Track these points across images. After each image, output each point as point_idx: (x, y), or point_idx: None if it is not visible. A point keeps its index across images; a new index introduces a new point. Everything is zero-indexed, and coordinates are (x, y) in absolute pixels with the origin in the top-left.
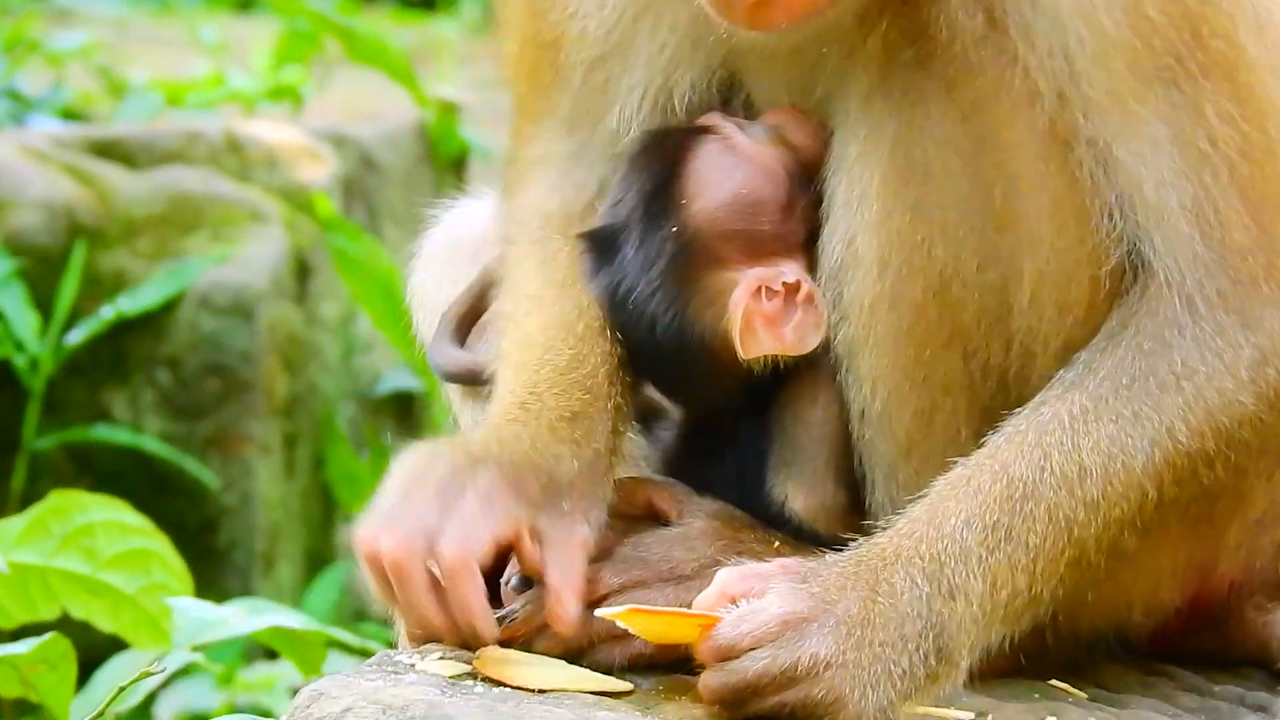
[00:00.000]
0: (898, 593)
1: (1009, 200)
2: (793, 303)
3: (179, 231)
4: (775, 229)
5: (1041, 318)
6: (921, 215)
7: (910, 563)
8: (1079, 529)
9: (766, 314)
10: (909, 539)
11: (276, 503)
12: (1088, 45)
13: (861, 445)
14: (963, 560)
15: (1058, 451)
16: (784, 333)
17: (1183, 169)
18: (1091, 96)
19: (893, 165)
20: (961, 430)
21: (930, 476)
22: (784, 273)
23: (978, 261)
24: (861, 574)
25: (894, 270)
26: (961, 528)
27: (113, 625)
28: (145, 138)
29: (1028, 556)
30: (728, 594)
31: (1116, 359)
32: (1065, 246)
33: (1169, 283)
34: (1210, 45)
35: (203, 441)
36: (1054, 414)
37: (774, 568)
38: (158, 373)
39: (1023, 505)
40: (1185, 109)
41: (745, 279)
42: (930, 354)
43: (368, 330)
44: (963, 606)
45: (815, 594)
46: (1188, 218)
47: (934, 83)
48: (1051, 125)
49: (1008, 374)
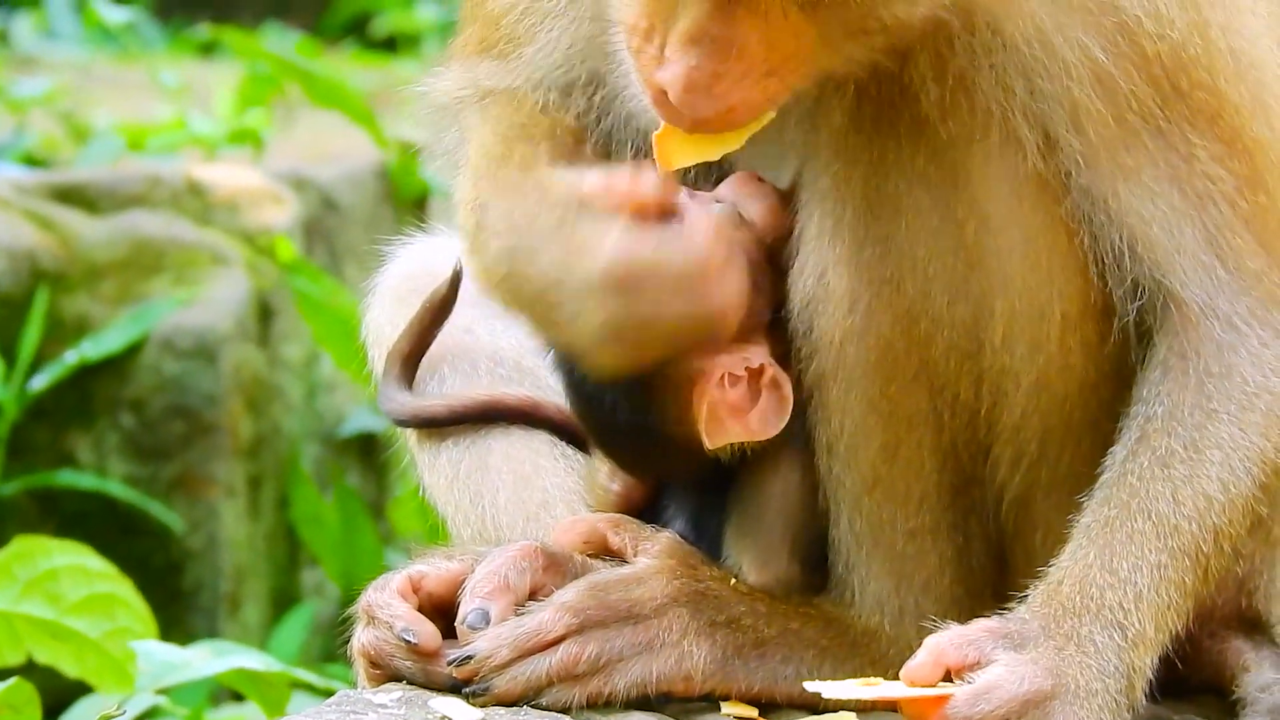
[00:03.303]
0: (1099, 648)
1: (980, 237)
2: (757, 388)
3: (141, 275)
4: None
5: (1013, 355)
6: (892, 250)
7: (1099, 614)
8: (1209, 560)
9: (731, 403)
10: (1090, 586)
11: (242, 544)
12: (1067, 107)
13: (828, 480)
14: (1137, 605)
15: (1186, 485)
16: (749, 420)
17: (1185, 208)
18: (1080, 150)
19: (864, 199)
20: (926, 464)
21: (893, 510)
22: (748, 358)
23: (948, 297)
24: (1064, 631)
25: (864, 304)
26: (1132, 571)
27: (77, 670)
28: (107, 182)
29: (1180, 595)
30: (942, 663)
31: (1193, 389)
32: (1038, 285)
33: (1205, 310)
34: (1193, 96)
35: (167, 484)
36: (1167, 447)
37: (980, 632)
38: (122, 416)
39: (1170, 542)
40: (1176, 155)
41: (709, 370)
42: (897, 388)
43: (330, 371)
44: (1142, 652)
45: (1042, 664)
46: (1204, 248)
47: (905, 121)
48: (1032, 173)
49: (978, 411)
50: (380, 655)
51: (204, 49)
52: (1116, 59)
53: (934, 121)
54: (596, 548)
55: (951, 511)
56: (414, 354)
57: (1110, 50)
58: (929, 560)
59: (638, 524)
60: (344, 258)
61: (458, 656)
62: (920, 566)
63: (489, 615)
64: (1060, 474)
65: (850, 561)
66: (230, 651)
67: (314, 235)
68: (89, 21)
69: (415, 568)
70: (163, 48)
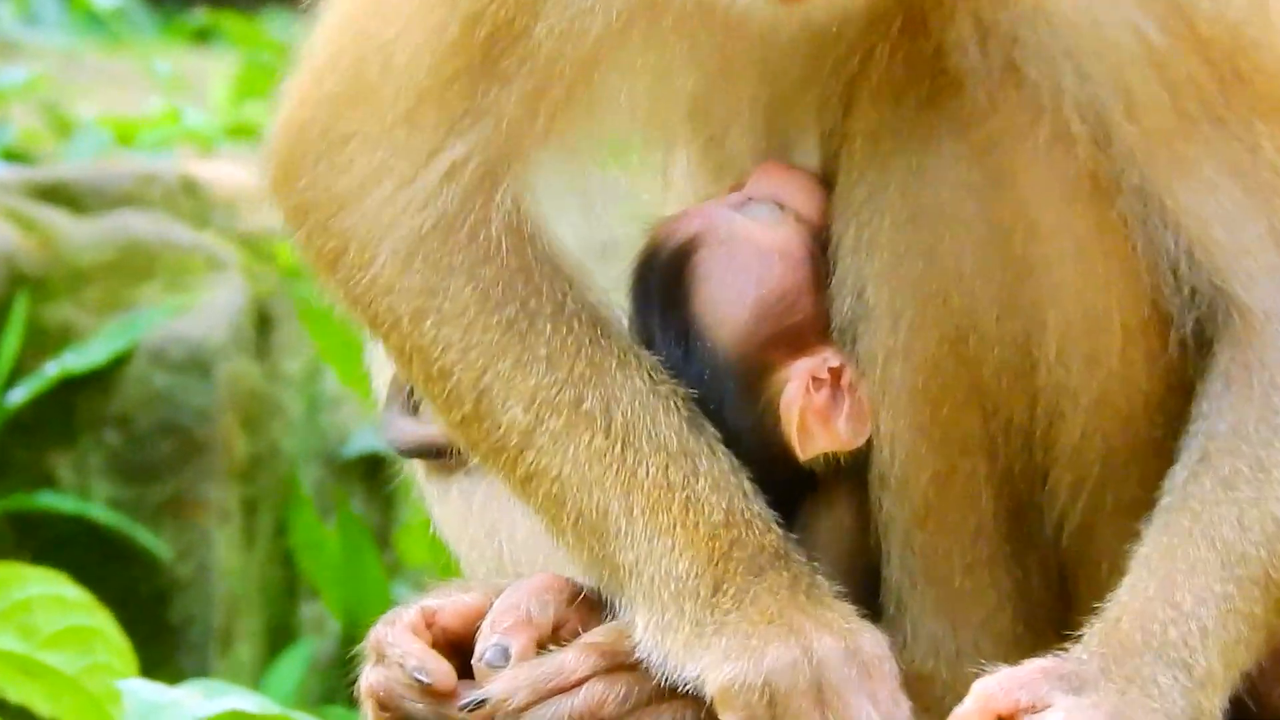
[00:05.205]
0: (1164, 690)
1: (1030, 246)
2: (839, 389)
3: (130, 281)
4: (808, 315)
5: (1070, 371)
6: (935, 262)
7: (1162, 652)
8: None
9: (819, 409)
10: (1152, 621)
11: (235, 574)
12: (1121, 95)
13: (878, 514)
14: (1204, 641)
15: (1252, 508)
16: (837, 426)
17: (1249, 204)
18: (1133, 144)
19: (903, 208)
20: (981, 492)
21: (948, 543)
22: (828, 358)
23: (997, 312)
24: (1125, 672)
25: (907, 322)
26: (1197, 604)
27: (51, 709)
28: (94, 180)
29: (1250, 628)
30: (992, 710)
31: (1259, 403)
32: (1093, 294)
33: (1270, 316)
34: (1254, 82)
35: (155, 508)
36: (1231, 467)
37: (1034, 674)
38: (106, 433)
39: (1237, 571)
40: (1240, 146)
41: (795, 375)
42: (948, 412)
43: (334, 387)
44: (1210, 693)
45: (1103, 709)
46: (1270, 248)
47: (945, 121)
48: (1084, 170)
49: (1034, 434)
50: (390, 696)
51: (200, 36)
52: (1171, 40)
53: (977, 118)
54: None
55: (1009, 543)
56: None
57: (1164, 30)
58: (987, 596)
59: None
60: None
61: (470, 701)
62: (978, 603)
63: (509, 652)
64: (1125, 499)
65: (903, 601)
66: (222, 692)
67: None
68: (75, 5)
69: (428, 601)
70: (155, 34)
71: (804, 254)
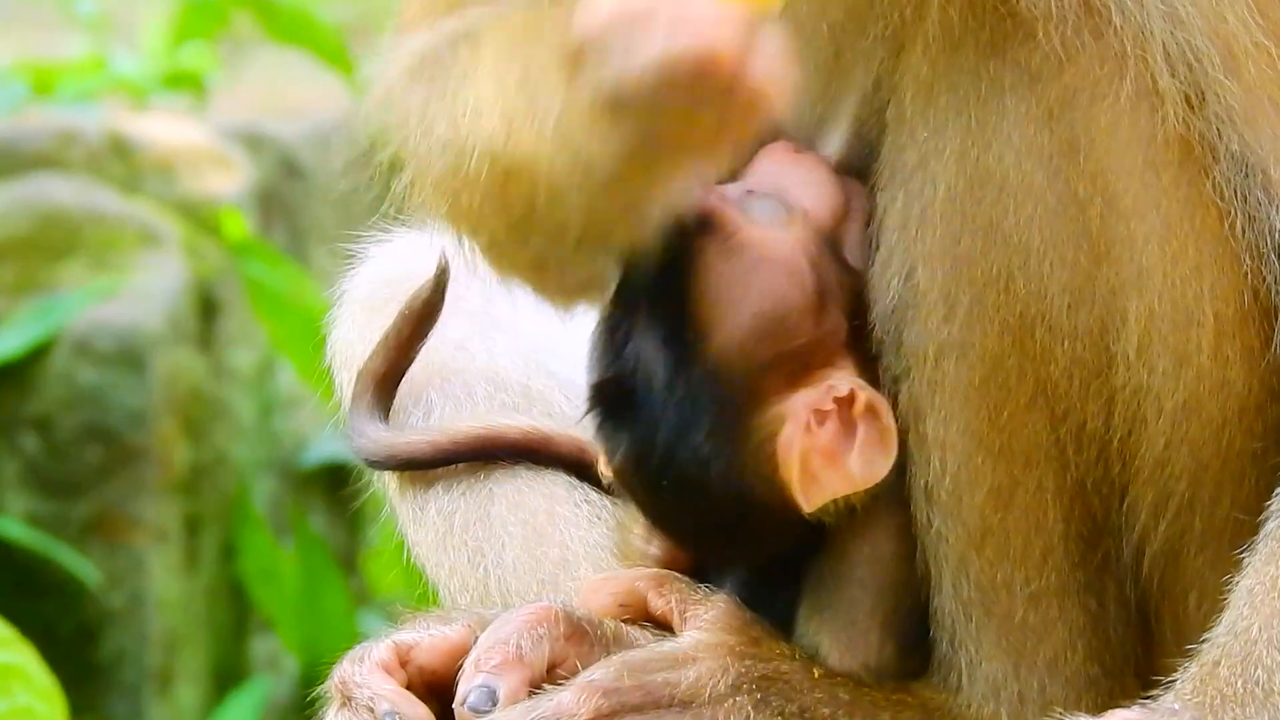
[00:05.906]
0: None
1: (1108, 222)
2: (850, 421)
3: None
4: (812, 337)
5: (1153, 371)
6: (997, 240)
7: (1267, 703)
8: None
9: (824, 448)
10: (1255, 667)
11: (175, 604)
12: (1219, 44)
13: (926, 535)
14: None
15: None
16: (848, 465)
17: None
18: (1232, 103)
19: (960, 177)
20: (1049, 513)
21: (1009, 570)
22: (834, 385)
23: (1069, 299)
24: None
25: (964, 310)
26: None
27: None
28: (6, 138)
29: None
30: None
31: None
32: (1182, 280)
33: None
34: None
35: (80, 526)
36: None
37: None
38: (22, 438)
39: None
40: None
41: (792, 415)
42: (1010, 416)
43: (290, 384)
44: None
45: None
46: None
47: (1012, 72)
48: (1173, 134)
49: (1111, 443)
50: None
51: None
52: None
53: (1049, 70)
54: (634, 612)
55: (1082, 570)
56: (391, 375)
57: None
58: (1055, 632)
59: (687, 583)
60: (309, 237)
61: None
62: (1044, 640)
63: (496, 694)
64: (1217, 520)
65: (957, 637)
66: None
67: (272, 209)
68: None
69: (402, 635)
70: None
71: (810, 264)
